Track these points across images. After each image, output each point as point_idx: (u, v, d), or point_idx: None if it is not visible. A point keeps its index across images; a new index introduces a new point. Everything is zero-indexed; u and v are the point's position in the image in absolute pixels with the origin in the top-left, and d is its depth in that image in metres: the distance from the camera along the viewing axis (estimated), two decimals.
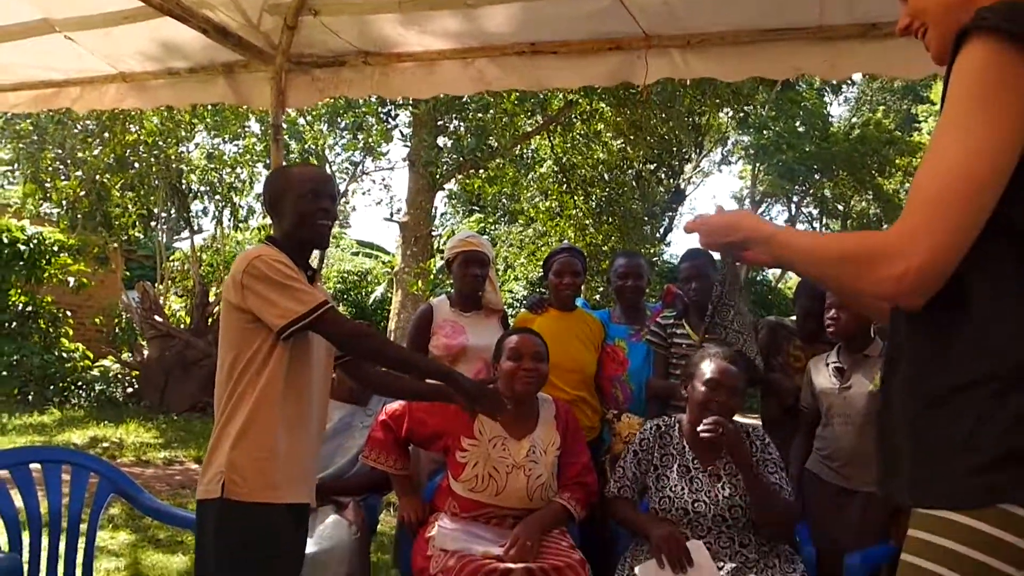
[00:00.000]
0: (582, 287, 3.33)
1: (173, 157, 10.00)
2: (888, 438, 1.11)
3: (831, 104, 20.35)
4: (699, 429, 2.42)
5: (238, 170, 10.40)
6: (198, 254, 10.74)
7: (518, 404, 2.59)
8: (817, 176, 16.84)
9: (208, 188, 10.55)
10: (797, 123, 16.61)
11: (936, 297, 0.98)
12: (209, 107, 9.22)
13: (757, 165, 18.00)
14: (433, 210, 10.43)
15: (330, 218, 2.05)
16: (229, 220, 10.75)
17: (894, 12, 2.58)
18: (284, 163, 3.25)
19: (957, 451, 0.98)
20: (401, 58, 3.17)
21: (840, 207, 19.42)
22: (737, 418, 2.54)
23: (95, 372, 10.08)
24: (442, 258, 8.79)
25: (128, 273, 13.97)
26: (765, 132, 16.44)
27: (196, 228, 11.37)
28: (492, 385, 2.29)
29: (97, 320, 10.66)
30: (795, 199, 20.74)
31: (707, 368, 2.51)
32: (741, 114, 14.14)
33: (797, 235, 1.13)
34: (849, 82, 20.22)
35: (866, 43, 2.75)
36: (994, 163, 0.92)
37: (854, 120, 19.32)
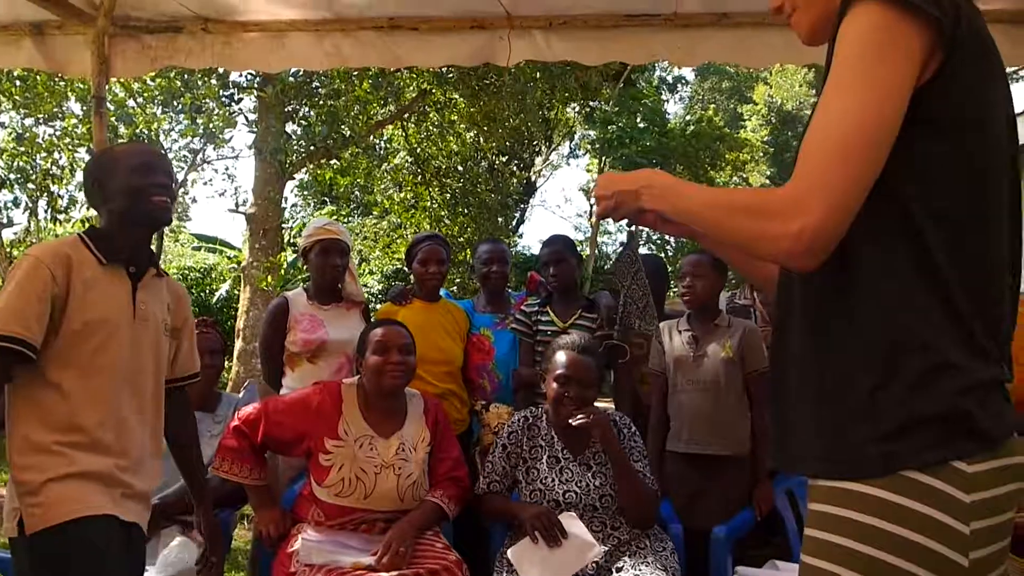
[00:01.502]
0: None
1: None
2: (783, 408, 1.09)
3: (668, 102, 21.53)
4: (572, 421, 2.39)
5: (56, 155, 9.30)
6: (7, 250, 9.52)
7: (386, 400, 2.46)
8: (657, 168, 17.74)
9: (19, 175, 9.36)
10: (638, 119, 17.36)
11: (826, 263, 0.97)
12: (17, 82, 8.17)
13: (603, 158, 18.65)
14: (283, 201, 9.84)
15: (168, 195, 1.81)
16: (46, 211, 9.60)
17: (745, 3, 2.72)
18: (109, 144, 2.87)
19: (855, 421, 0.98)
20: (247, 27, 2.89)
21: None
22: (601, 404, 2.54)
23: None
24: (294, 252, 8.33)
25: None
26: (609, 127, 17.04)
27: (5, 221, 10.08)
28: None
29: None
30: None
31: (558, 361, 2.48)
32: (587, 109, 14.58)
33: (696, 186, 1.13)
34: (684, 81, 21.50)
35: (718, 31, 2.84)
36: (884, 120, 0.93)
37: (688, 117, 20.47)
